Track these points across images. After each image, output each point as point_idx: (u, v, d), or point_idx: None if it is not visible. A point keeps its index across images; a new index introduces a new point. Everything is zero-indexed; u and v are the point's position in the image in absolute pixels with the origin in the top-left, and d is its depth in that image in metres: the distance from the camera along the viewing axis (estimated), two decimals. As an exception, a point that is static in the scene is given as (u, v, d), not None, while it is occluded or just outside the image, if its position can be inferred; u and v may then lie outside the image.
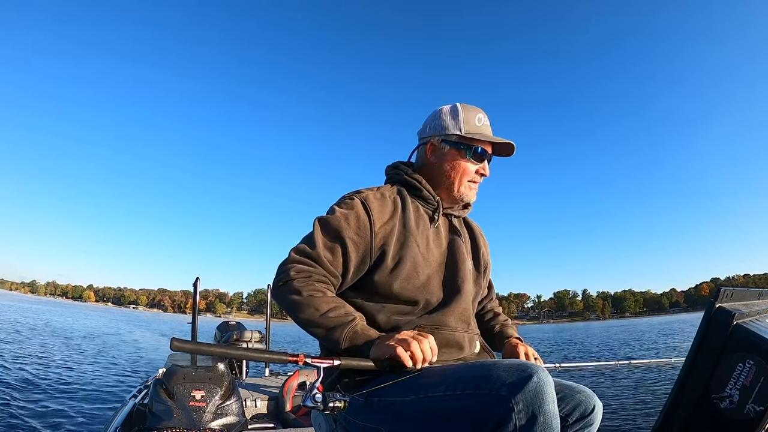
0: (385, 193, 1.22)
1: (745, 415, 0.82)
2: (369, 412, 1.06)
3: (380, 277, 1.14)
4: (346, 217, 1.13)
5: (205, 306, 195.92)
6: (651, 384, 8.73)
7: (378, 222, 1.14)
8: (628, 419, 5.85)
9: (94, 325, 29.73)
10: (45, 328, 21.43)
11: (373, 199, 1.17)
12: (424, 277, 1.16)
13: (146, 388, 3.60)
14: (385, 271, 1.14)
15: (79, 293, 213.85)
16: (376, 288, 1.15)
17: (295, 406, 3.51)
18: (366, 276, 1.16)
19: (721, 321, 0.89)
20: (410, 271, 1.14)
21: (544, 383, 0.84)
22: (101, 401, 6.22)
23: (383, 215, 1.16)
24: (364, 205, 1.15)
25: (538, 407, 0.83)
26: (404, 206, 1.20)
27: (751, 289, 1.09)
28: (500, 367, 0.90)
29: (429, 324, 1.15)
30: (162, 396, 2.55)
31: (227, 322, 4.93)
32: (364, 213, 1.14)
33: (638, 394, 7.72)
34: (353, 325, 1.05)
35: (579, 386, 1.10)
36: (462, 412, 0.90)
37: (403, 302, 1.15)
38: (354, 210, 1.14)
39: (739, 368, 0.85)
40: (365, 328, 1.06)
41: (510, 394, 0.84)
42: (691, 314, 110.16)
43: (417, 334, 1.02)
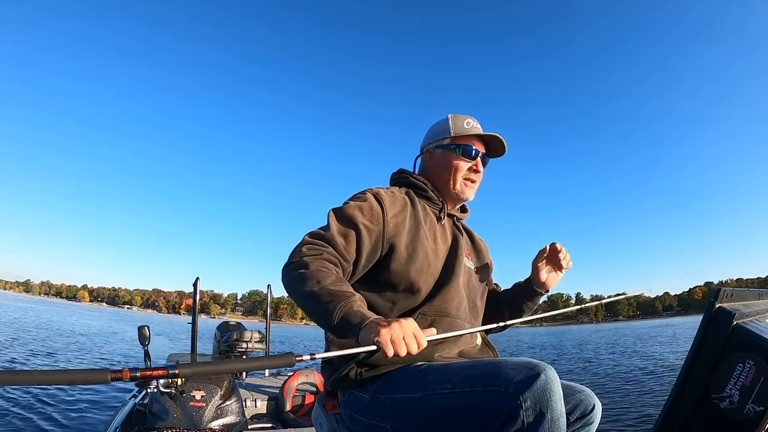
0: (395, 191, 1.28)
1: (745, 415, 0.83)
2: (374, 410, 1.06)
3: (396, 266, 1.15)
4: (360, 207, 1.17)
5: (200, 307, 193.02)
6: (651, 384, 8.74)
7: (390, 212, 1.18)
8: (627, 419, 5.85)
9: (93, 325, 29.73)
10: (44, 327, 21.41)
11: (384, 194, 1.22)
12: (435, 269, 1.20)
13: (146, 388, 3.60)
14: (401, 261, 1.15)
15: (74, 293, 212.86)
16: (391, 278, 1.16)
17: (295, 406, 3.51)
18: (380, 266, 1.17)
19: (721, 321, 0.89)
20: (423, 262, 1.17)
21: (551, 381, 0.86)
22: (101, 401, 6.22)
23: (395, 207, 1.21)
24: (376, 197, 1.20)
25: (546, 405, 0.84)
26: (413, 203, 1.26)
27: (751, 289, 1.10)
28: (508, 364, 0.91)
29: (431, 312, 1.16)
30: (162, 396, 2.55)
31: (227, 323, 4.92)
32: (377, 203, 1.18)
33: (638, 393, 7.73)
34: (351, 301, 0.97)
35: (579, 386, 1.12)
36: (470, 410, 0.91)
37: (414, 292, 1.17)
38: (367, 201, 1.18)
39: (739, 368, 0.85)
40: (362, 308, 0.97)
41: (518, 392, 0.85)
42: (685, 318, 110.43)
43: (410, 325, 0.91)
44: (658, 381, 9.02)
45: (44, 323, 24.44)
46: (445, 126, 1.36)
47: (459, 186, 1.33)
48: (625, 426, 5.54)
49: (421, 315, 1.15)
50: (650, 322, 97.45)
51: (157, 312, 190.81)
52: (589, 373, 11.21)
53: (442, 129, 1.36)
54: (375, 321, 0.92)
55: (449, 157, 1.33)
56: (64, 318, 35.00)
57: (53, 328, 21.83)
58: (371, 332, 0.89)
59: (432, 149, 1.37)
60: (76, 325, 26.57)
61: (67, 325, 26.03)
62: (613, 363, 13.23)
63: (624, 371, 10.73)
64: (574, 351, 19.76)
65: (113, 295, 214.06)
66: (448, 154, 1.33)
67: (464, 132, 1.33)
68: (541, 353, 19.57)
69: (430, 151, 1.38)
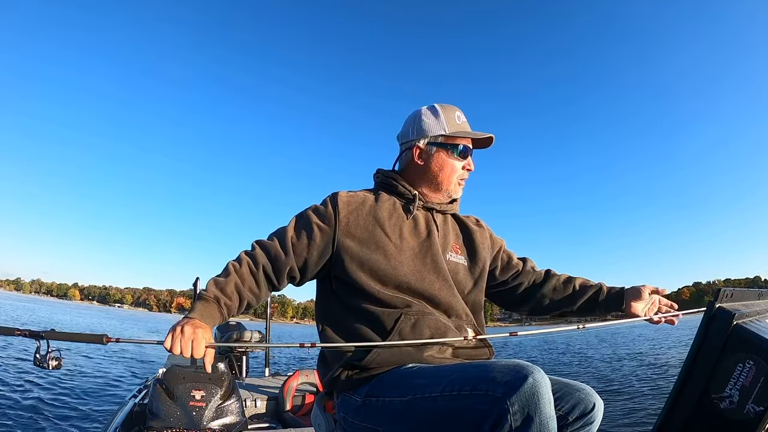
0: (359, 192, 1.30)
1: (745, 415, 0.83)
2: (367, 413, 1.06)
3: (349, 264, 1.18)
4: (316, 209, 1.25)
5: (191, 305, 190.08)
6: (651, 384, 8.73)
7: (342, 212, 1.22)
8: (628, 419, 5.84)
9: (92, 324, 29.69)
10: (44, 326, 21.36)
11: (344, 195, 1.26)
12: (397, 264, 1.18)
13: (146, 388, 3.60)
14: (354, 260, 1.18)
15: (64, 291, 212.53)
16: (350, 279, 1.18)
17: (294, 406, 3.51)
18: (338, 268, 1.20)
19: (721, 321, 0.89)
20: (380, 260, 1.17)
21: (539, 384, 0.84)
22: (101, 401, 6.22)
23: (350, 206, 1.23)
24: (332, 199, 1.25)
25: (534, 409, 0.83)
26: (377, 200, 1.27)
27: (751, 289, 1.09)
28: (496, 367, 0.90)
29: (413, 312, 1.15)
30: (162, 396, 2.54)
31: (228, 322, 4.92)
32: (332, 205, 1.23)
33: (638, 393, 7.72)
34: (206, 294, 1.12)
35: (578, 384, 1.09)
36: (459, 413, 0.90)
37: (376, 291, 1.16)
38: (324, 204, 1.25)
39: (739, 368, 0.85)
40: (198, 306, 1.10)
41: (505, 396, 0.84)
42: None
43: (195, 326, 1.04)
44: (658, 381, 9.01)
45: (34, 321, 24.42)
46: (438, 120, 1.28)
47: (453, 186, 1.30)
48: (625, 426, 5.53)
49: (404, 316, 1.14)
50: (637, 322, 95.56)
51: (147, 310, 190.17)
52: (589, 372, 11.20)
53: (434, 123, 1.28)
54: (184, 319, 1.07)
55: (444, 156, 1.28)
56: (51, 316, 34.99)
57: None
58: (175, 325, 1.05)
59: (423, 145, 1.29)
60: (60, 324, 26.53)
61: (52, 323, 26.02)
62: (613, 363, 13.22)
63: (624, 371, 10.73)
64: (573, 350, 19.74)
65: (104, 294, 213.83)
66: (443, 153, 1.28)
67: (459, 130, 1.28)
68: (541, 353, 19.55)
69: (420, 147, 1.30)
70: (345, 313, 1.19)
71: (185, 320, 1.06)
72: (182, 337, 1.01)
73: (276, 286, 1.24)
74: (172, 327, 1.04)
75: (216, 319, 1.11)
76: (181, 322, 1.06)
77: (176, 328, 1.04)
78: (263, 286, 1.21)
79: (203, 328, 1.05)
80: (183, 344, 1.01)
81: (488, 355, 1.25)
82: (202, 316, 1.08)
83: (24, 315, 30.78)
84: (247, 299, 1.18)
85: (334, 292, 1.23)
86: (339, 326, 1.19)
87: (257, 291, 1.20)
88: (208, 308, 1.10)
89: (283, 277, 1.22)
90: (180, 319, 1.08)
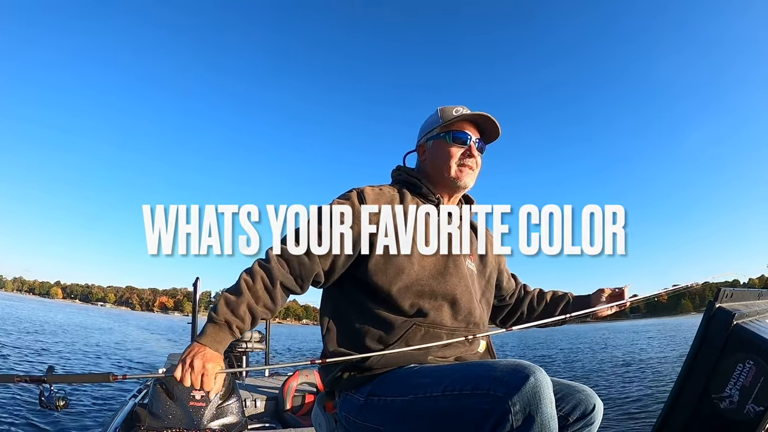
0: (384, 187, 1.24)
1: (745, 416, 0.83)
2: (369, 412, 1.06)
3: (373, 265, 1.12)
4: (341, 205, 1.15)
5: (173, 304, 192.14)
6: (651, 384, 8.73)
7: (372, 209, 1.15)
8: (628, 419, 5.84)
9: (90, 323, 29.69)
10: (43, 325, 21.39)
11: (370, 191, 1.19)
12: (419, 269, 1.14)
13: (146, 388, 3.59)
14: (378, 261, 1.13)
15: (47, 290, 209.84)
16: (370, 280, 1.13)
17: (294, 406, 3.50)
18: (359, 268, 1.14)
19: (721, 321, 0.89)
20: (404, 263, 1.13)
21: (541, 384, 0.84)
22: (101, 401, 6.21)
23: (377, 204, 1.17)
24: (359, 195, 1.17)
25: (535, 408, 0.83)
26: (402, 200, 1.22)
27: (751, 289, 1.09)
28: (498, 367, 0.90)
29: (426, 323, 1.12)
30: (162, 396, 2.54)
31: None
32: (358, 202, 1.16)
33: (638, 393, 7.72)
34: (216, 315, 1.06)
35: (579, 385, 1.10)
36: (460, 412, 0.90)
37: (394, 296, 1.12)
38: (350, 200, 1.16)
39: (739, 368, 0.85)
40: (209, 329, 1.06)
41: (506, 395, 0.84)
42: (651, 320, 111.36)
43: (205, 360, 1.02)
44: (657, 381, 9.01)
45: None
46: (434, 117, 1.32)
47: (454, 172, 1.25)
48: (625, 426, 5.54)
49: (415, 326, 1.11)
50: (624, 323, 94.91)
51: (130, 309, 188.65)
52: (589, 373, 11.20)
53: (432, 120, 1.32)
54: (195, 345, 1.04)
55: (441, 145, 1.28)
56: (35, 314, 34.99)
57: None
58: (184, 352, 1.03)
59: (423, 142, 1.32)
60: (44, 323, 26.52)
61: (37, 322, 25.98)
62: (613, 363, 13.22)
63: (624, 371, 10.72)
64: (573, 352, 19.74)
65: (86, 292, 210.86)
66: (440, 143, 1.28)
67: (452, 118, 1.28)
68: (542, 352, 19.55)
69: (422, 145, 1.33)
70: (354, 315, 1.16)
71: (196, 348, 1.03)
72: (192, 371, 1.01)
73: (297, 294, 1.17)
74: (182, 358, 1.02)
75: (227, 342, 1.07)
76: (191, 351, 1.03)
77: (186, 360, 1.01)
78: (279, 300, 1.13)
79: (213, 360, 1.03)
80: (193, 378, 1.01)
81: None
82: (213, 341, 1.05)
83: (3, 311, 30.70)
84: (261, 316, 1.11)
85: (344, 291, 1.19)
86: (346, 327, 1.16)
87: (272, 306, 1.12)
88: (220, 333, 1.06)
89: (307, 284, 1.15)
90: (191, 346, 1.05)
